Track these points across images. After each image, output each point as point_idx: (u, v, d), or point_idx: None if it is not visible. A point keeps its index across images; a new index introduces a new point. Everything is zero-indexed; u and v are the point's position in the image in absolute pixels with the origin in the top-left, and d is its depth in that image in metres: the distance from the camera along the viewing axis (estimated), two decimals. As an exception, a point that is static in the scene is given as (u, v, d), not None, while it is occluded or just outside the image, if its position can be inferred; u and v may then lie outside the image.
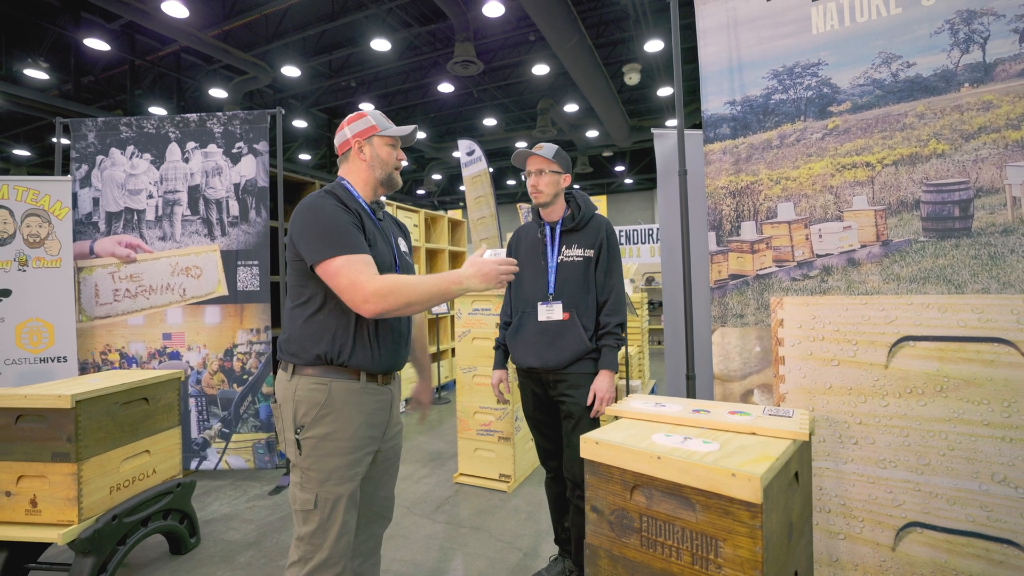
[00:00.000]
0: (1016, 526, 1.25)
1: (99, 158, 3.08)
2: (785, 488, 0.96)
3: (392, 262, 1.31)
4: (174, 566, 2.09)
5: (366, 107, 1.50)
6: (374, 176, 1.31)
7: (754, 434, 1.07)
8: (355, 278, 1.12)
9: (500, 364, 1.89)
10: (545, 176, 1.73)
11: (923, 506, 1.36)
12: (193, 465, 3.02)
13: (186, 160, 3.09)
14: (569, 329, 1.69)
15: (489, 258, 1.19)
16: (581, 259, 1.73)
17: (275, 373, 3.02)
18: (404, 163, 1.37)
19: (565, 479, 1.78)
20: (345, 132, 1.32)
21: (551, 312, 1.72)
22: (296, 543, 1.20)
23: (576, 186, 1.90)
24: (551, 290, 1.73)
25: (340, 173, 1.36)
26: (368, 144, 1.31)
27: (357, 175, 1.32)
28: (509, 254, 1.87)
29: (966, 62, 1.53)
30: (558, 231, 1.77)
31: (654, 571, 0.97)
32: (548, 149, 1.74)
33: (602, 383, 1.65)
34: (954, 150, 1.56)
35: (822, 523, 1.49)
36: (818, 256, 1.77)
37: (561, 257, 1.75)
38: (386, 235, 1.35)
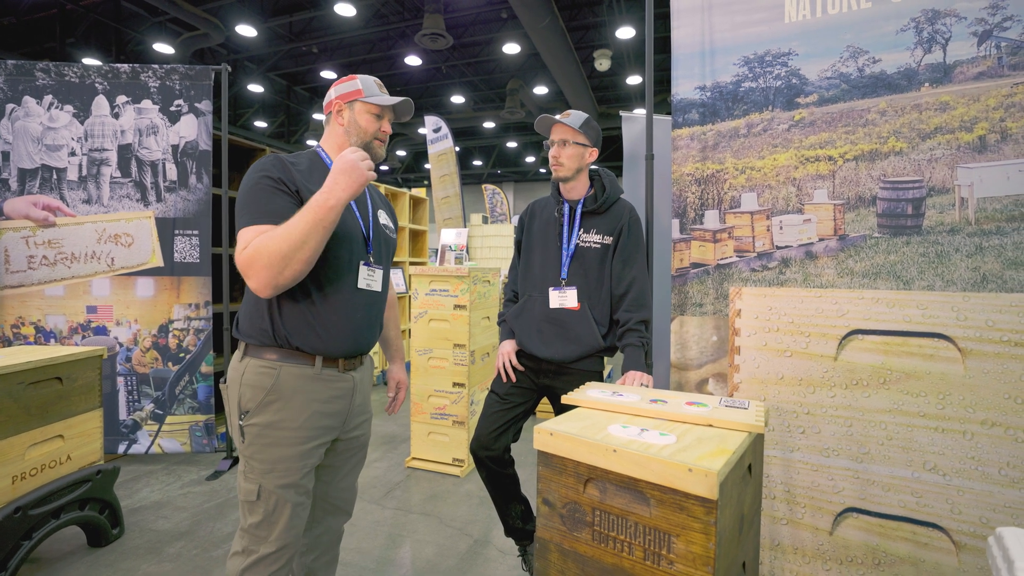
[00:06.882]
0: (941, 511, 1.32)
1: (9, 107, 2.71)
2: (739, 482, 0.95)
3: (363, 235, 1.23)
4: (92, 559, 1.92)
5: (364, 78, 1.28)
6: (349, 143, 1.25)
7: (711, 426, 1.05)
8: (239, 248, 1.04)
9: (509, 335, 1.70)
10: (569, 148, 1.57)
11: (860, 492, 1.41)
12: (121, 449, 2.79)
13: (116, 116, 2.77)
14: (580, 321, 1.56)
15: (344, 152, 1.07)
16: (599, 246, 1.58)
17: (213, 351, 2.88)
18: (388, 135, 1.30)
19: (489, 464, 1.64)
20: (331, 93, 1.27)
21: (564, 299, 1.58)
22: (240, 533, 1.14)
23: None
24: (564, 275, 1.59)
25: (321, 140, 1.31)
26: (349, 108, 1.25)
27: (333, 140, 1.26)
28: (521, 229, 1.74)
29: (928, 62, 1.56)
30: (579, 212, 1.61)
31: (605, 566, 0.94)
32: (576, 117, 1.58)
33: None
34: (911, 148, 1.59)
35: (767, 509, 1.53)
36: (778, 248, 1.79)
37: (578, 241, 1.60)
38: (364, 206, 1.28)
